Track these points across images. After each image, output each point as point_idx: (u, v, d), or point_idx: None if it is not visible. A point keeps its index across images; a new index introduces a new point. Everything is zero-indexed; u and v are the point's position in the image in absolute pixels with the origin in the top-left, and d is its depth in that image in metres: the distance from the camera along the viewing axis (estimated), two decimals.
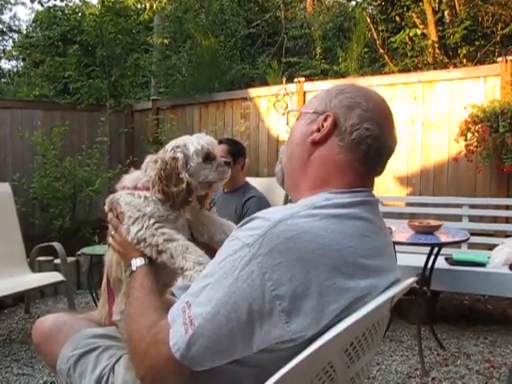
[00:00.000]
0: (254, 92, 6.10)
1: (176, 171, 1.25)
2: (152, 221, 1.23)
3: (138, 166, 1.40)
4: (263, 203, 3.06)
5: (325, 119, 0.99)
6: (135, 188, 1.29)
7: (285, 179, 1.11)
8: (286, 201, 3.32)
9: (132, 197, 1.27)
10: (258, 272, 0.82)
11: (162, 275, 1.26)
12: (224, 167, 1.34)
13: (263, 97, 5.99)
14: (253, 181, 3.37)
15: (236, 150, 3.15)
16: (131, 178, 1.32)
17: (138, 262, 1.22)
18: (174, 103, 6.83)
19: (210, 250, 1.42)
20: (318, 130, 1.00)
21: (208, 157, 1.30)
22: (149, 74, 8.48)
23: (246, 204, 3.03)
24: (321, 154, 1.00)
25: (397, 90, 5.04)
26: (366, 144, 0.97)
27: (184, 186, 1.24)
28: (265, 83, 6.98)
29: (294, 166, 1.06)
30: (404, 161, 4.97)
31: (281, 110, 5.79)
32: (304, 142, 1.02)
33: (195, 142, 1.30)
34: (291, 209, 0.90)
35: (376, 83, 5.09)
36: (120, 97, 7.31)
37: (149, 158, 1.33)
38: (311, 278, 0.82)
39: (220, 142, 3.20)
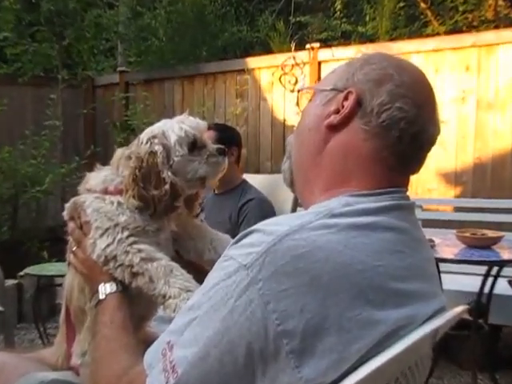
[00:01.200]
0: (253, 62, 6.13)
1: (155, 170, 1.25)
2: (126, 233, 1.24)
3: (100, 159, 1.41)
4: (265, 208, 3.07)
5: (345, 97, 1.00)
6: (105, 192, 1.29)
7: (294, 178, 1.12)
8: (296, 205, 3.33)
9: (102, 202, 1.28)
10: (259, 301, 0.82)
11: (138, 305, 1.28)
12: (218, 157, 1.35)
13: (265, 68, 6.02)
14: (252, 179, 3.39)
15: (227, 138, 3.16)
16: (99, 178, 1.32)
17: (107, 289, 1.23)
18: (149, 76, 6.85)
19: (199, 271, 1.43)
20: (337, 112, 1.01)
21: (195, 145, 1.31)
22: (114, 36, 8.50)
23: (244, 209, 3.04)
24: (339, 142, 1.01)
25: (443, 58, 5.07)
26: (399, 128, 0.97)
27: (167, 187, 1.25)
28: (267, 50, 7.00)
29: (304, 157, 1.07)
30: (451, 152, 4.98)
31: (288, 85, 5.80)
32: (318, 127, 1.04)
33: (176, 128, 1.30)
34: (300, 218, 0.90)
35: (414, 49, 5.10)
36: (76, 67, 7.34)
37: (120, 153, 1.34)
38: (328, 308, 0.82)
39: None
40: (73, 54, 7.20)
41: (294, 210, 3.29)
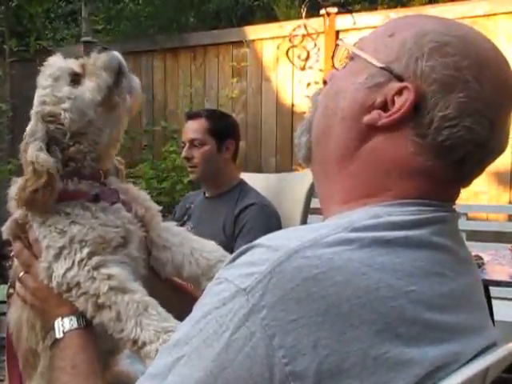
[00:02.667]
0: (253, 32, 6.15)
1: (25, 153, 1.28)
2: (86, 251, 1.24)
3: None
4: (268, 216, 3.07)
5: (399, 91, 0.98)
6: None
7: (312, 163, 1.13)
8: (307, 213, 3.34)
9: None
10: (262, 334, 0.82)
11: (104, 337, 1.27)
12: (104, 55, 1.35)
13: (269, 40, 6.04)
14: (252, 179, 3.40)
15: (221, 129, 3.18)
16: (16, 184, 1.32)
17: (65, 324, 1.22)
18: (122, 49, 6.68)
19: (180, 290, 1.43)
20: (384, 107, 1.00)
21: (75, 75, 1.33)
22: None
23: (241, 217, 3.05)
24: (380, 148, 1.00)
25: (497, 25, 5.10)
26: (464, 151, 0.97)
27: (29, 170, 1.26)
28: (272, 17, 7.02)
29: (330, 151, 1.06)
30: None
31: (298, 61, 5.83)
32: (356, 120, 1.02)
33: (43, 80, 1.34)
34: (314, 231, 0.90)
35: (460, 14, 5.09)
36: (28, 36, 7.33)
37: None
38: (349, 344, 0.82)
39: (193, 116, 3.23)
40: (23, 19, 7.20)
41: (304, 220, 3.30)
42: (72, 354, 1.18)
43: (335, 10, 5.68)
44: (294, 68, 5.85)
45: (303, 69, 5.75)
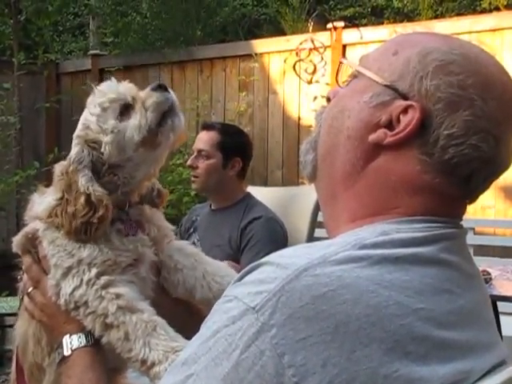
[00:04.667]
0: (260, 45, 6.19)
1: (73, 179, 1.28)
2: (94, 271, 1.24)
3: None
4: (274, 230, 3.07)
5: (405, 110, 0.98)
6: (50, 215, 1.29)
7: (317, 182, 1.13)
8: (313, 227, 3.33)
9: (56, 232, 1.29)
10: (272, 353, 0.82)
11: (109, 356, 1.27)
12: (155, 94, 1.32)
13: (276, 53, 6.07)
14: (258, 192, 3.40)
15: (231, 144, 3.17)
16: (44, 203, 1.33)
17: (74, 342, 1.22)
18: (129, 62, 6.91)
19: (190, 311, 1.42)
20: (389, 126, 0.99)
21: (121, 108, 1.31)
22: (85, 10, 8.58)
23: (247, 230, 3.05)
24: (387, 167, 1.00)
25: (503, 40, 5.11)
26: (470, 168, 0.97)
27: (82, 200, 1.26)
28: (278, 31, 7.05)
29: (336, 170, 1.06)
30: None
31: (305, 75, 5.85)
32: (361, 139, 1.02)
33: (91, 108, 1.33)
34: (323, 248, 0.90)
35: (466, 29, 5.12)
36: (36, 49, 7.38)
37: (58, 169, 1.34)
38: (358, 363, 0.82)
39: (208, 127, 3.23)
40: (32, 32, 7.25)
41: (311, 234, 3.30)
42: (79, 373, 1.18)
43: (342, 24, 5.72)
44: (300, 82, 5.87)
45: (310, 82, 5.77)
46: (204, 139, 3.15)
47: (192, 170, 3.17)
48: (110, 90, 1.34)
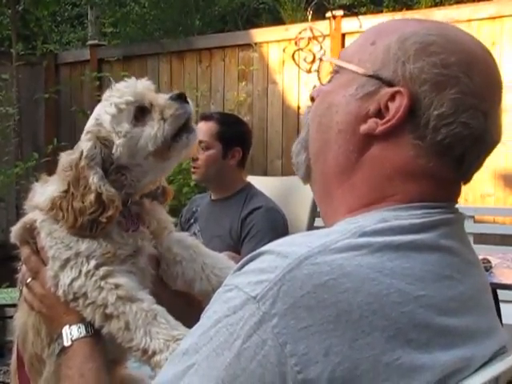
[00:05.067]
0: (259, 35, 6.16)
1: (83, 175, 1.27)
2: (93, 263, 1.24)
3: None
4: (275, 220, 3.07)
5: (392, 97, 0.98)
6: (52, 207, 1.28)
7: (312, 180, 1.13)
8: (314, 216, 3.33)
9: (55, 224, 1.28)
10: (274, 342, 0.82)
11: (109, 346, 1.27)
12: (175, 106, 1.30)
13: (274, 43, 6.05)
14: (258, 182, 3.40)
15: (230, 134, 3.16)
16: (46, 193, 1.32)
17: (73, 332, 1.22)
18: (128, 52, 6.90)
19: (189, 303, 1.42)
20: (379, 115, 0.98)
21: (138, 112, 1.30)
22: (84, 1, 8.54)
23: (248, 220, 3.05)
24: (381, 156, 1.00)
25: (502, 27, 5.08)
26: (463, 147, 0.98)
27: (92, 197, 1.25)
28: (277, 20, 7.02)
29: (329, 166, 1.06)
30: None
31: (304, 64, 5.78)
32: (353, 131, 1.01)
33: (106, 105, 1.32)
34: (323, 237, 0.90)
35: (466, 17, 5.10)
36: (35, 39, 7.36)
37: (64, 160, 1.33)
38: (360, 351, 0.82)
39: (206, 118, 3.22)
40: (30, 23, 7.23)
41: (311, 223, 3.30)
42: (79, 363, 1.18)
43: (341, 12, 5.70)
44: (299, 71, 5.84)
45: (309, 71, 5.73)
46: (203, 130, 3.13)
47: (192, 161, 3.16)
48: (128, 90, 1.32)
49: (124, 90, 1.32)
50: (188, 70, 6.52)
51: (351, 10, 6.75)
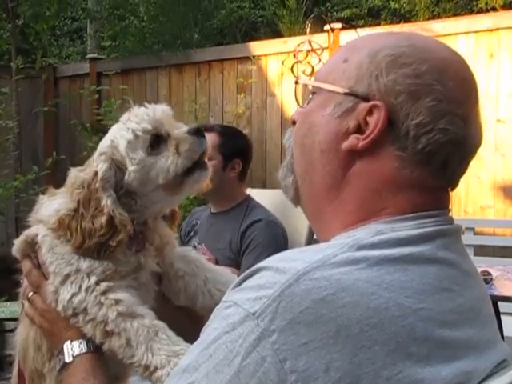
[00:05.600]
0: (257, 48, 6.19)
1: (95, 196, 1.25)
2: (93, 279, 1.23)
3: (65, 169, 1.40)
4: (275, 233, 3.07)
5: (369, 111, 0.98)
6: (60, 225, 1.27)
7: (302, 202, 1.13)
8: None
9: (56, 239, 1.27)
10: (274, 359, 0.82)
11: (111, 364, 1.26)
12: (191, 140, 1.29)
13: (273, 56, 6.07)
14: (257, 195, 3.39)
15: (231, 146, 3.16)
16: (52, 207, 1.32)
17: (75, 348, 1.22)
18: (127, 65, 6.92)
19: (192, 318, 1.42)
20: (359, 130, 0.99)
21: (154, 141, 1.29)
22: (82, 14, 8.57)
23: (248, 233, 3.04)
24: (366, 171, 1.01)
25: (499, 40, 5.09)
26: (445, 153, 0.98)
27: (103, 220, 1.23)
28: (276, 33, 7.05)
29: (316, 186, 1.07)
30: (511, 158, 4.96)
31: (303, 76, 5.82)
32: (335, 149, 1.02)
33: (123, 129, 1.30)
34: (321, 251, 0.90)
35: (463, 29, 5.12)
36: (34, 53, 7.38)
37: (74, 177, 1.32)
38: (361, 366, 0.82)
39: (206, 130, 3.18)
40: (30, 37, 7.26)
41: (311, 236, 3.29)
42: (81, 379, 1.17)
43: (339, 25, 5.72)
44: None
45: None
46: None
47: None
48: (147, 117, 1.30)
49: (142, 116, 1.30)
50: (187, 83, 6.53)
51: (349, 23, 6.77)
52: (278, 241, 3.01)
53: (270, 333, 0.83)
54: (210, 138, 3.11)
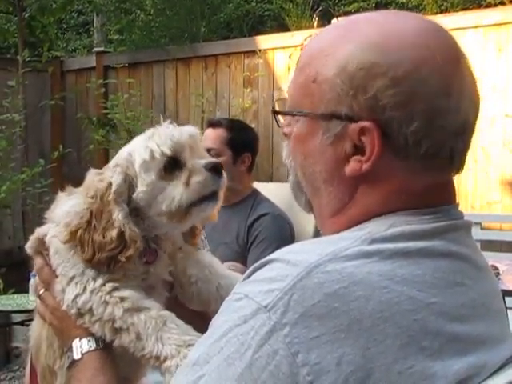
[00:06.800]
0: (264, 42, 6.17)
1: (107, 209, 1.24)
2: (100, 281, 1.23)
3: (71, 163, 1.38)
4: (282, 225, 3.07)
5: (361, 132, 0.95)
6: (71, 238, 1.25)
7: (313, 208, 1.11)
8: None
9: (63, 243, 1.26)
10: (286, 352, 0.82)
11: (121, 363, 1.26)
12: (205, 175, 1.27)
13: (280, 49, 6.05)
14: (264, 188, 3.39)
15: (240, 140, 3.15)
16: (64, 207, 1.31)
17: (83, 345, 1.22)
18: (133, 59, 6.91)
19: (206, 320, 1.42)
20: (356, 149, 0.95)
21: (169, 165, 1.26)
22: (89, 8, 8.57)
23: (254, 227, 3.05)
24: (374, 188, 0.98)
25: (508, 33, 5.06)
26: (448, 147, 0.96)
27: (113, 234, 1.22)
28: (283, 27, 7.02)
29: (325, 208, 1.04)
30: None
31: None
32: (339, 177, 0.99)
33: (141, 147, 1.27)
34: (333, 244, 0.90)
35: (472, 23, 5.10)
36: (41, 46, 7.39)
37: (91, 179, 1.31)
38: (373, 360, 0.82)
39: (214, 125, 3.21)
40: (36, 30, 7.25)
41: (316, 230, 3.28)
42: (90, 376, 1.17)
43: None
44: None
45: None
46: (212, 137, 3.12)
47: None
48: (169, 140, 1.26)
49: (166, 138, 1.26)
50: (194, 77, 6.53)
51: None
52: (285, 234, 3.01)
53: (281, 326, 0.83)
54: (219, 133, 3.11)
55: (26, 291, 3.89)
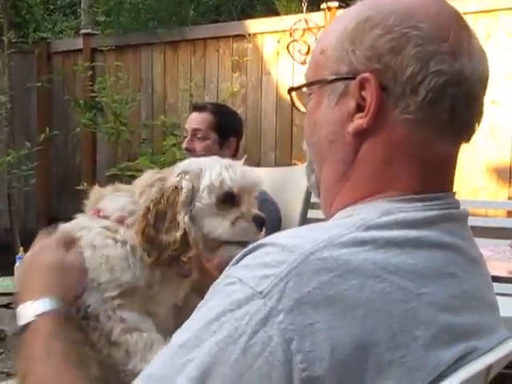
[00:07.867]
0: (253, 26, 6.13)
1: (173, 209, 1.30)
2: (116, 292, 1.28)
3: (58, 145, 1.39)
4: (268, 209, 3.02)
5: (361, 86, 0.97)
6: (121, 221, 1.33)
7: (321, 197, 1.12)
8: (306, 209, 3.31)
9: (109, 239, 1.31)
10: (280, 338, 0.81)
11: (101, 368, 1.30)
12: (250, 225, 1.38)
13: (269, 34, 6.02)
14: None
15: (225, 125, 3.13)
16: (117, 203, 1.36)
17: (39, 307, 1.16)
18: (121, 42, 6.84)
19: None
20: (360, 108, 0.98)
21: (228, 199, 1.35)
22: None
23: None
24: (375, 146, 0.99)
25: (497, 20, 5.06)
26: (448, 97, 0.95)
27: (178, 234, 1.29)
28: (272, 11, 6.99)
29: (330, 178, 1.06)
30: (505, 141, 4.92)
31: (299, 55, 5.80)
32: (342, 137, 1.01)
33: (215, 170, 1.36)
34: (328, 230, 0.90)
35: (459, 10, 5.04)
36: (27, 27, 7.31)
37: (148, 178, 1.38)
38: (366, 348, 0.82)
39: (198, 109, 3.20)
40: (22, 11, 7.18)
41: (304, 214, 3.29)
42: (43, 341, 1.12)
43: (336, 4, 5.68)
44: (294, 62, 5.82)
45: (304, 63, 5.71)
46: (198, 119, 3.10)
47: (188, 152, 3.12)
48: (243, 177, 1.38)
49: (237, 177, 1.37)
50: (182, 61, 6.49)
51: (346, 2, 6.70)
52: (272, 219, 2.99)
53: (277, 312, 0.82)
54: (204, 117, 3.09)
55: (12, 274, 3.89)
